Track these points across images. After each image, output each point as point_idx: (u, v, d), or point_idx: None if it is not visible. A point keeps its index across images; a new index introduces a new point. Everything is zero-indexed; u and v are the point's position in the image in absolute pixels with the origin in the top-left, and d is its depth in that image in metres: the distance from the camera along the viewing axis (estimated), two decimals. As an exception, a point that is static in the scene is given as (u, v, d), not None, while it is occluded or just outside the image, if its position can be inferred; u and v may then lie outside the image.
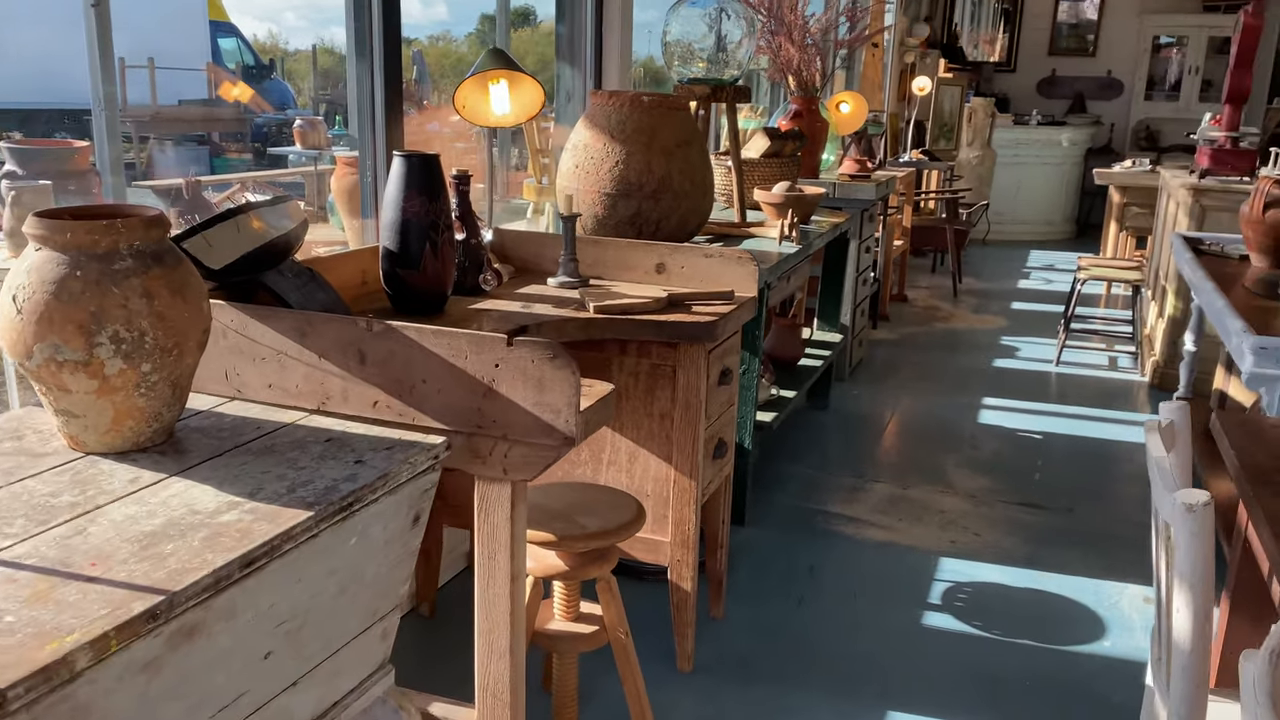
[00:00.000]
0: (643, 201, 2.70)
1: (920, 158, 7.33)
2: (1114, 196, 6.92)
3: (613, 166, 2.69)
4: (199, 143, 14.50)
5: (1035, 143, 9.26)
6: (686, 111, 2.80)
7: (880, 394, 4.44)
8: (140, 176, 12.37)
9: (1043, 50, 10.23)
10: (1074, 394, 4.55)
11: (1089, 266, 5.09)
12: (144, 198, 7.08)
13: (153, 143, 14.23)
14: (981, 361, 5.03)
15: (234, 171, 13.22)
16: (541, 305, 2.10)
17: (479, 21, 8.35)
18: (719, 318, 2.07)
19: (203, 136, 14.86)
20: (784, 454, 3.63)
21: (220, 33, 17.62)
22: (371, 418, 1.50)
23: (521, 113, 2.28)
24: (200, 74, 15.88)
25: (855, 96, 5.14)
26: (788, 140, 3.90)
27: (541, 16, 4.84)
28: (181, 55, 15.89)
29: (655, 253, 2.38)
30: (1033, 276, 7.52)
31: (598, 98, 2.74)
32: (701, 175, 2.78)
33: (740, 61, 3.37)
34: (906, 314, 6.05)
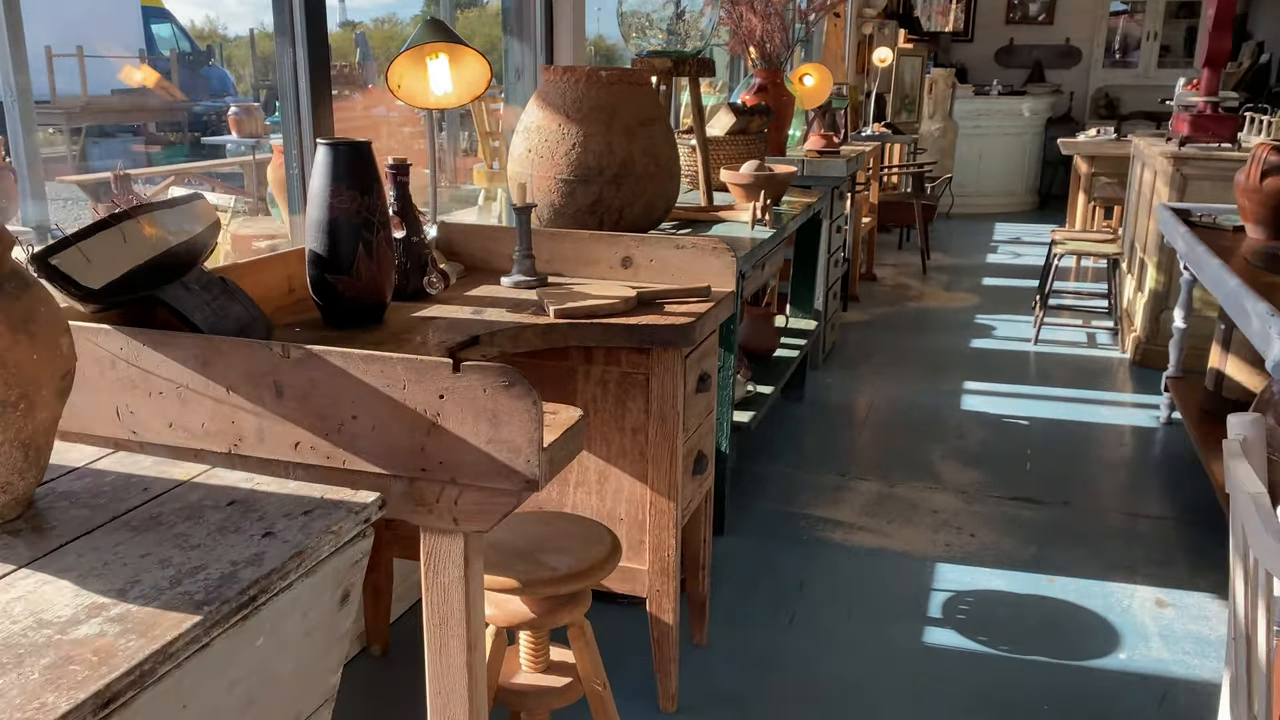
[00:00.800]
0: (604, 187, 2.45)
1: (883, 131, 7.12)
2: (1080, 167, 6.77)
3: (569, 149, 2.44)
4: (134, 133, 13.96)
5: (996, 113, 9.11)
6: (648, 87, 2.55)
7: (856, 381, 4.24)
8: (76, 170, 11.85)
9: (1000, 19, 10.07)
10: (1056, 374, 4.38)
11: (1064, 240, 4.92)
12: (68, 192, 6.68)
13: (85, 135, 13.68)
14: (958, 342, 4.85)
15: (172, 163, 12.74)
16: (495, 310, 1.85)
17: (425, 3, 8.05)
18: (695, 318, 1.83)
19: (137, 127, 14.32)
20: (761, 452, 3.41)
21: (154, 19, 17.00)
22: (293, 461, 1.25)
23: (465, 92, 2.02)
24: (134, 62, 15.30)
25: (819, 69, 4.91)
26: (754, 116, 3.67)
27: (488, -4, 4.53)
28: (114, 43, 15.30)
29: (620, 245, 2.14)
30: (1000, 250, 7.37)
31: (551, 74, 2.48)
32: (667, 156, 2.54)
33: (703, 32, 3.12)
34: (877, 293, 5.86)
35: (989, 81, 9.64)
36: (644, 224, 2.56)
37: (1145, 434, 3.69)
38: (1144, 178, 4.92)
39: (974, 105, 9.06)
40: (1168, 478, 3.31)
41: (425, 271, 1.92)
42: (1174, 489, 3.21)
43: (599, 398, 1.96)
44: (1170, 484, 3.26)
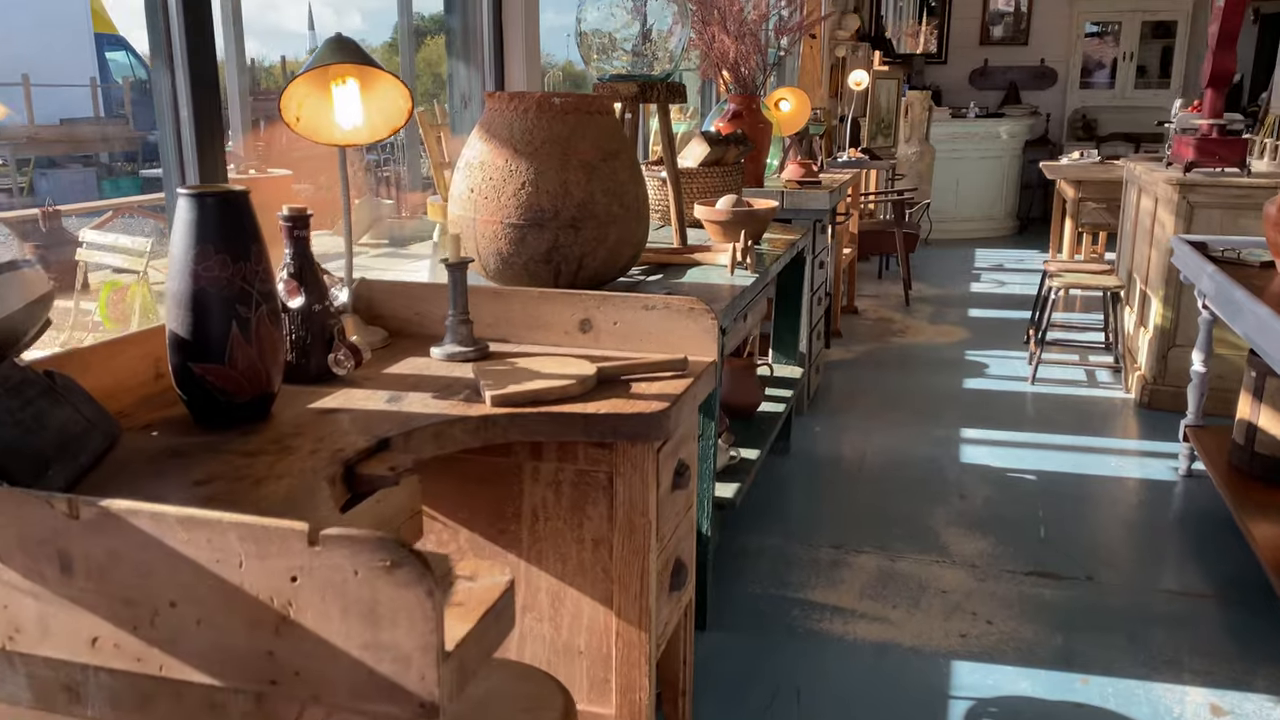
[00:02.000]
0: (559, 232, 2.08)
1: (859, 156, 6.83)
2: (1067, 191, 6.50)
3: (518, 189, 2.07)
4: (84, 164, 13.45)
5: (974, 136, 8.86)
6: (611, 115, 2.19)
7: (846, 429, 3.89)
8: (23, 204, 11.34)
9: (974, 40, 9.86)
10: (1058, 419, 4.04)
11: (1060, 273, 4.61)
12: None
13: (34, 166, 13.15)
14: (950, 382, 4.52)
15: (122, 195, 12.25)
16: (417, 396, 1.48)
17: (394, 30, 7.66)
18: (670, 403, 1.46)
19: (89, 157, 13.81)
20: (747, 522, 3.04)
21: (108, 45, 16.53)
22: (91, 664, 0.87)
23: (382, 124, 1.65)
24: (85, 90, 14.79)
25: (796, 93, 4.59)
26: (729, 145, 3.32)
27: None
28: (65, 71, 14.79)
29: (578, 305, 1.77)
30: (983, 279, 7.08)
31: (496, 102, 2.12)
32: (633, 195, 2.18)
33: (672, 53, 2.77)
34: (860, 328, 5.52)
35: (964, 104, 9.41)
36: (609, 272, 2.20)
37: (1164, 489, 3.35)
38: (1141, 204, 4.63)
39: (951, 128, 8.81)
40: (1199, 543, 2.97)
41: (332, 347, 1.54)
42: (1209, 557, 2.87)
43: (551, 502, 1.58)
44: (1203, 550, 2.92)
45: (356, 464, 1.26)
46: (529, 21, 2.75)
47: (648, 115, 3.84)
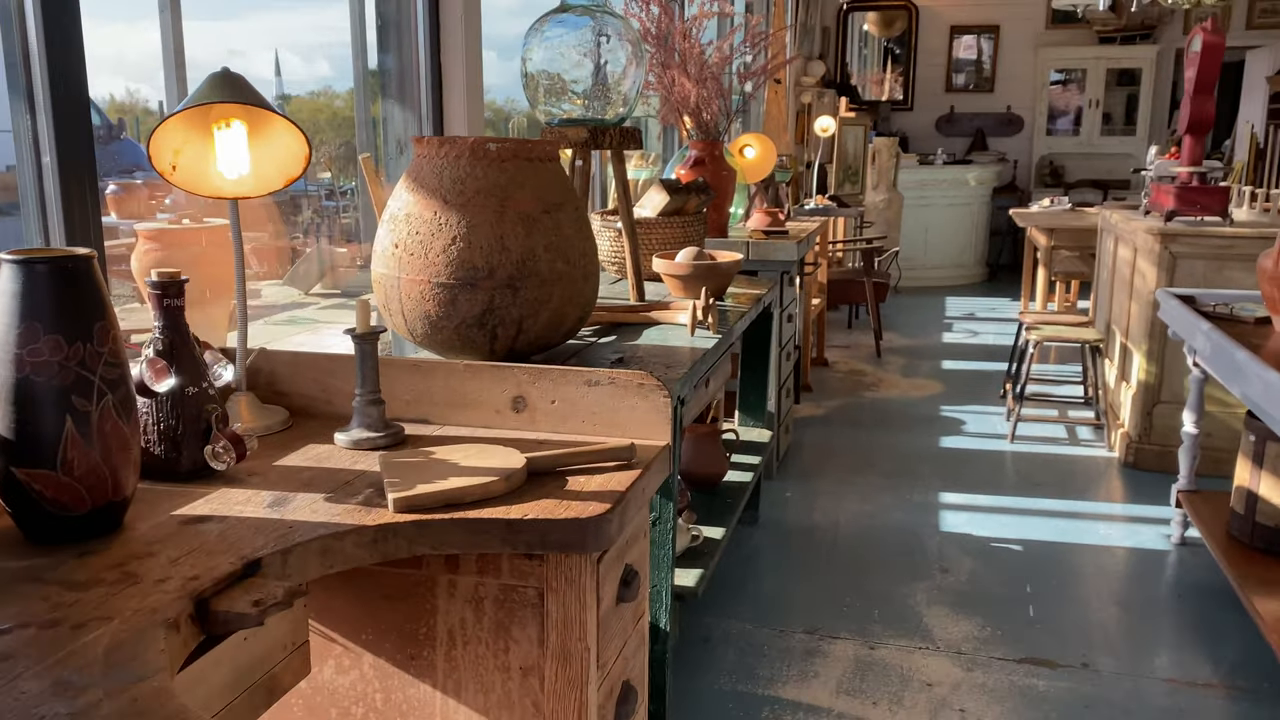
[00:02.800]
0: (495, 293, 1.85)
1: (827, 204, 6.68)
2: (1039, 240, 6.37)
3: (448, 245, 1.84)
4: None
5: (942, 183, 8.77)
6: (555, 163, 1.97)
7: (819, 494, 3.65)
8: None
9: (939, 87, 9.82)
10: (1041, 481, 3.84)
11: (1037, 325, 4.43)
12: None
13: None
14: (926, 441, 4.31)
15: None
16: (308, 498, 1.23)
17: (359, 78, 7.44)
18: (613, 503, 1.22)
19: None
20: (711, 603, 2.79)
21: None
22: None
23: (275, 174, 1.41)
24: None
25: (761, 139, 4.42)
26: (691, 194, 3.12)
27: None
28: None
29: (510, 380, 1.54)
30: (956, 328, 6.92)
31: (425, 147, 1.89)
32: (580, 250, 1.95)
33: (626, 96, 2.57)
34: (830, 382, 5.32)
35: (931, 150, 9.34)
36: (553, 336, 1.96)
37: (1157, 559, 3.14)
38: (1119, 253, 4.48)
39: (919, 175, 8.72)
40: (1199, 621, 2.75)
41: (209, 438, 1.29)
42: (1211, 638, 2.65)
43: (470, 623, 1.33)
44: (1204, 630, 2.70)
45: (213, 597, 1.01)
46: (470, 58, 2.54)
47: (604, 163, 3.64)
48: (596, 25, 2.53)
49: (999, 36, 9.60)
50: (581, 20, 2.51)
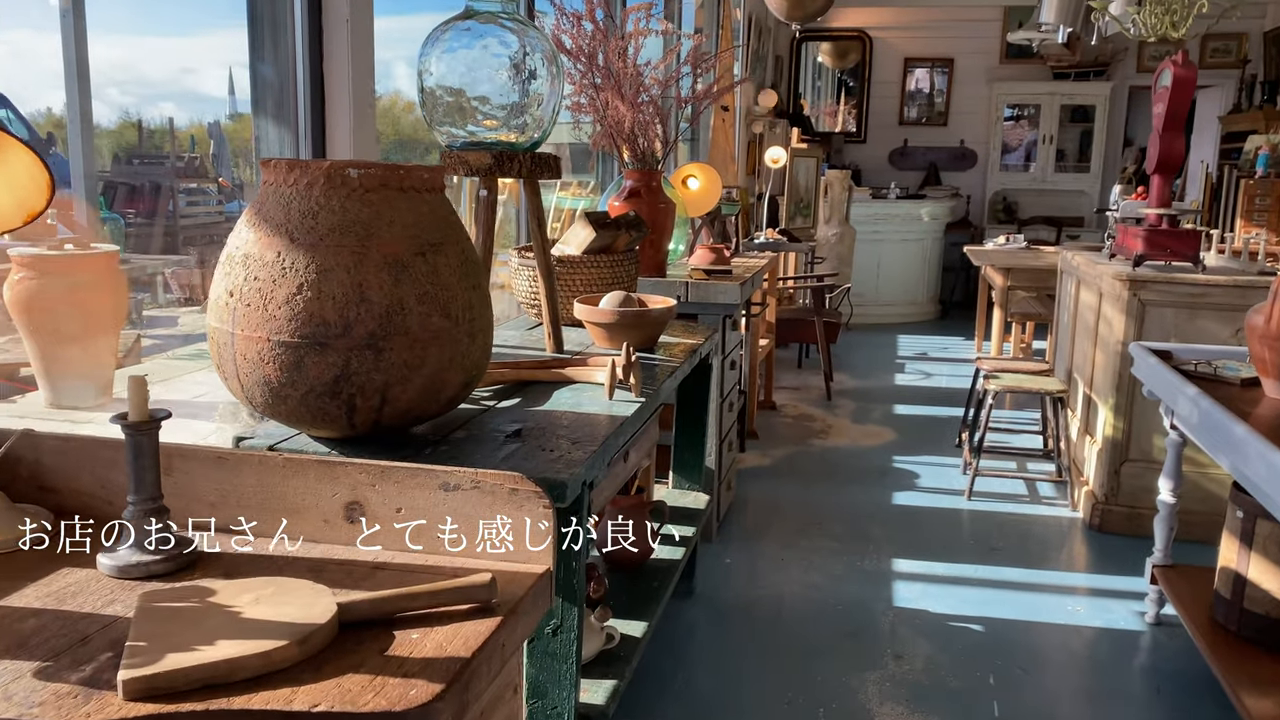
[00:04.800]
0: (352, 355, 1.49)
1: (777, 238, 6.40)
2: (994, 279, 6.14)
3: (293, 295, 1.47)
4: (-51, 229, 12.46)
5: (895, 217, 8.55)
6: (436, 194, 1.62)
7: (761, 561, 3.31)
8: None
9: (893, 120, 9.65)
10: (1000, 544, 3.53)
11: (995, 373, 4.15)
12: None
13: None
14: (878, 497, 3.99)
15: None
16: (15, 667, 0.85)
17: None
18: (448, 682, 0.87)
19: (-44, 221, 12.82)
20: (631, 702, 2.43)
21: (-15, 103, 15.57)
22: None
23: (14, 209, 1.05)
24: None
25: (705, 169, 4.11)
26: (620, 229, 2.78)
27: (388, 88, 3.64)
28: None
29: (343, 480, 1.17)
30: (908, 369, 6.65)
31: (271, 172, 1.53)
32: (465, 301, 1.60)
33: (541, 118, 2.23)
34: (778, 428, 4.99)
35: (884, 184, 9.14)
36: (429, 406, 1.60)
37: (1131, 640, 2.84)
38: (1081, 298, 4.22)
39: (872, 209, 8.49)
40: (1181, 717, 2.45)
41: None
42: (1194, 740, 2.35)
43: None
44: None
45: None
46: (358, 68, 2.18)
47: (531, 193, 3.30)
48: (507, 36, 2.19)
49: (953, 69, 9.46)
50: (489, 29, 2.17)
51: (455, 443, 1.68)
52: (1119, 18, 4.20)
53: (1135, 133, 9.56)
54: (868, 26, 9.50)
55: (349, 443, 1.64)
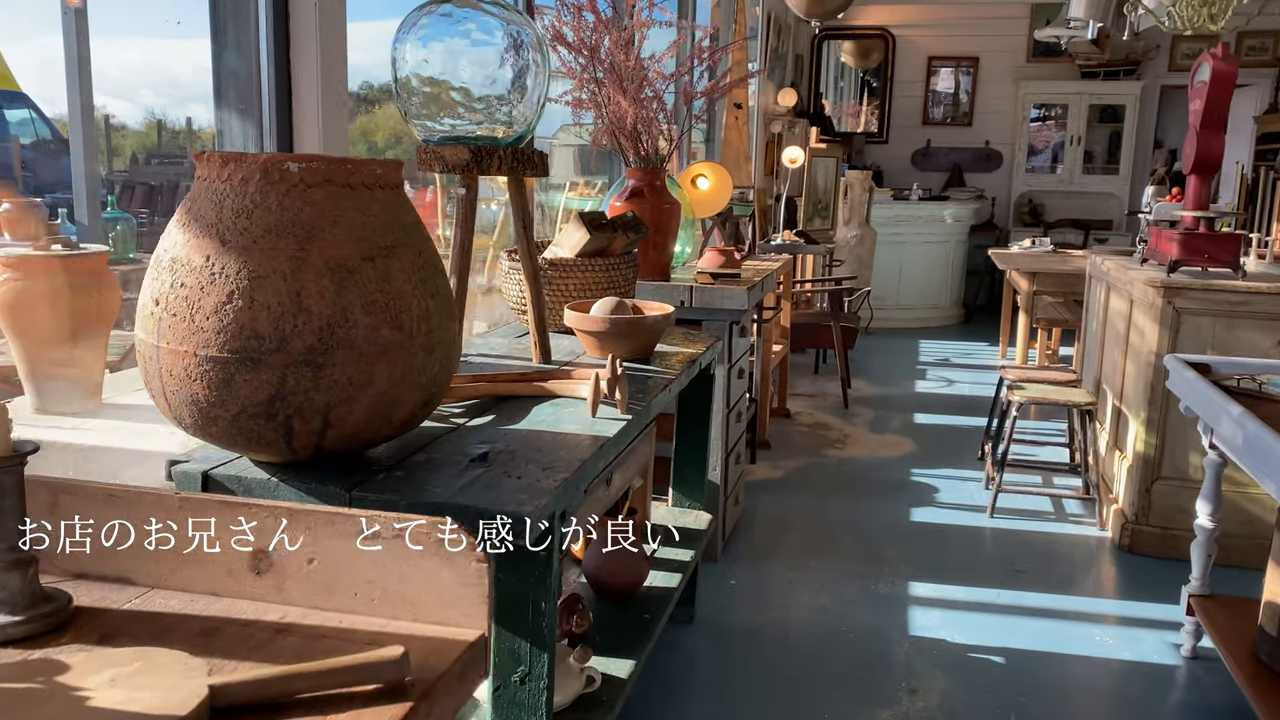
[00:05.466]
0: (289, 372, 1.32)
1: (794, 240, 6.21)
2: (1019, 283, 5.92)
3: (222, 304, 1.31)
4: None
5: (917, 219, 8.33)
6: (392, 191, 1.45)
7: (768, 583, 3.13)
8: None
9: (916, 120, 9.42)
10: (1025, 566, 3.33)
11: (1021, 383, 3.95)
12: None
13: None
14: (895, 513, 3.79)
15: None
16: None
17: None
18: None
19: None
20: (622, 735, 2.26)
21: (8, 103, 15.61)
22: None
23: None
24: (-29, 149, 13.85)
25: (715, 169, 3.93)
26: (617, 231, 2.61)
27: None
28: (-44, 128, 13.86)
29: (250, 524, 1.00)
30: (929, 375, 6.44)
31: (205, 167, 1.37)
32: (422, 310, 1.43)
33: (525, 112, 2.06)
34: (792, 437, 4.80)
35: (906, 184, 8.92)
36: (380, 429, 1.43)
37: (1165, 676, 2.64)
38: (1111, 304, 4.01)
39: (893, 210, 8.28)
40: (1220, 767, 2.25)
41: None
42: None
43: None
44: (1228, 781, 2.19)
45: None
46: (329, 55, 2.02)
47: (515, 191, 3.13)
48: (489, 22, 2.02)
49: (978, 68, 9.23)
50: (469, 14, 2.00)
51: (413, 467, 1.51)
52: (1154, 10, 3.98)
53: (1166, 134, 9.29)
54: (890, 25, 9.28)
55: (292, 468, 1.47)
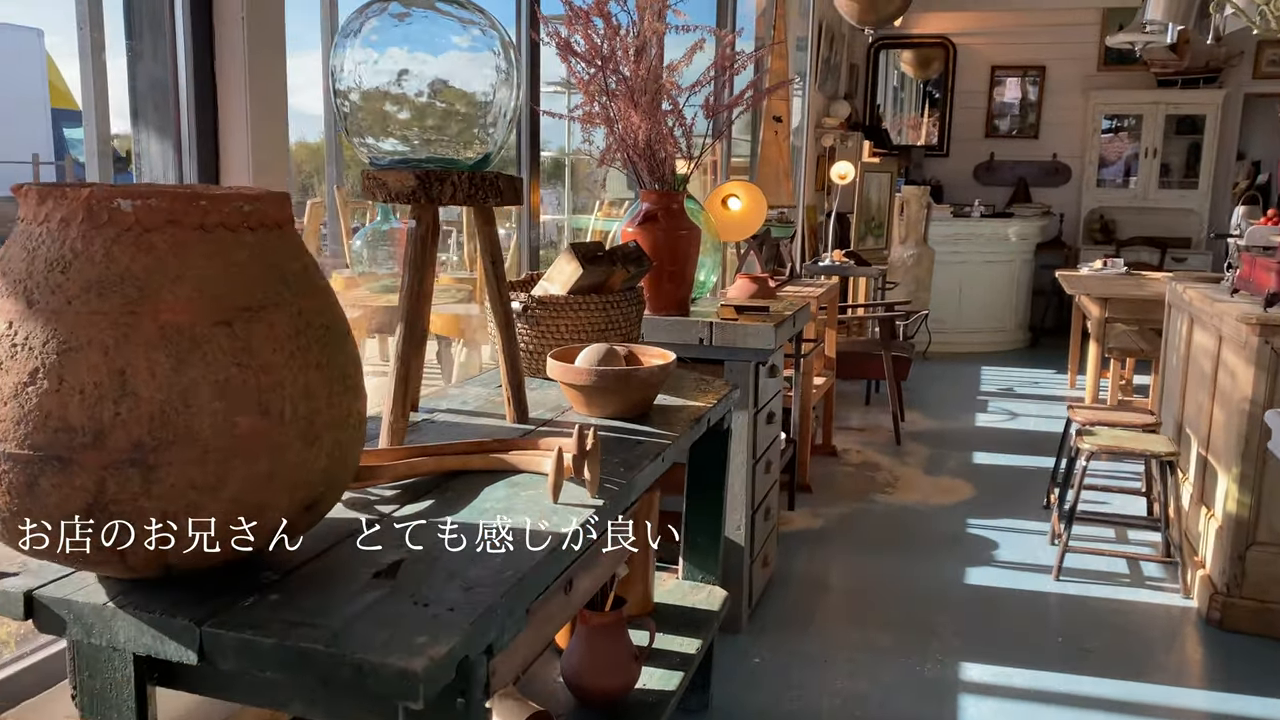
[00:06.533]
0: (108, 476, 1.01)
1: (844, 261, 5.82)
2: (1090, 309, 5.45)
3: (23, 385, 1.00)
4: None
5: (979, 237, 7.87)
6: (267, 232, 1.13)
7: (796, 661, 2.76)
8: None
9: (979, 132, 8.95)
10: (1096, 647, 2.91)
11: (1091, 428, 3.52)
12: None
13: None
14: (948, 574, 3.39)
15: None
16: None
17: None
18: None
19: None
20: None
21: (68, 122, 15.86)
22: None
23: None
24: (28, 166, 14.06)
25: (749, 188, 3.58)
26: (616, 264, 2.27)
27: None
28: (19, 147, 14.07)
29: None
30: (991, 407, 5.99)
31: (25, 203, 1.07)
32: (303, 386, 1.11)
33: (490, 130, 1.74)
34: (836, 479, 4.41)
35: (967, 200, 8.45)
36: (242, 544, 1.11)
37: (1268, 793, 2.21)
38: (1195, 340, 3.56)
39: (953, 228, 7.83)
40: None
41: None
42: None
43: None
44: None
45: None
46: (261, 63, 1.71)
47: (482, 223, 2.79)
48: (446, 24, 1.71)
49: (1045, 78, 8.73)
50: (422, 15, 1.69)
51: (299, 584, 1.19)
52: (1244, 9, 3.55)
53: (1250, 146, 8.69)
54: (950, 33, 8.84)
55: (143, 586, 1.16)
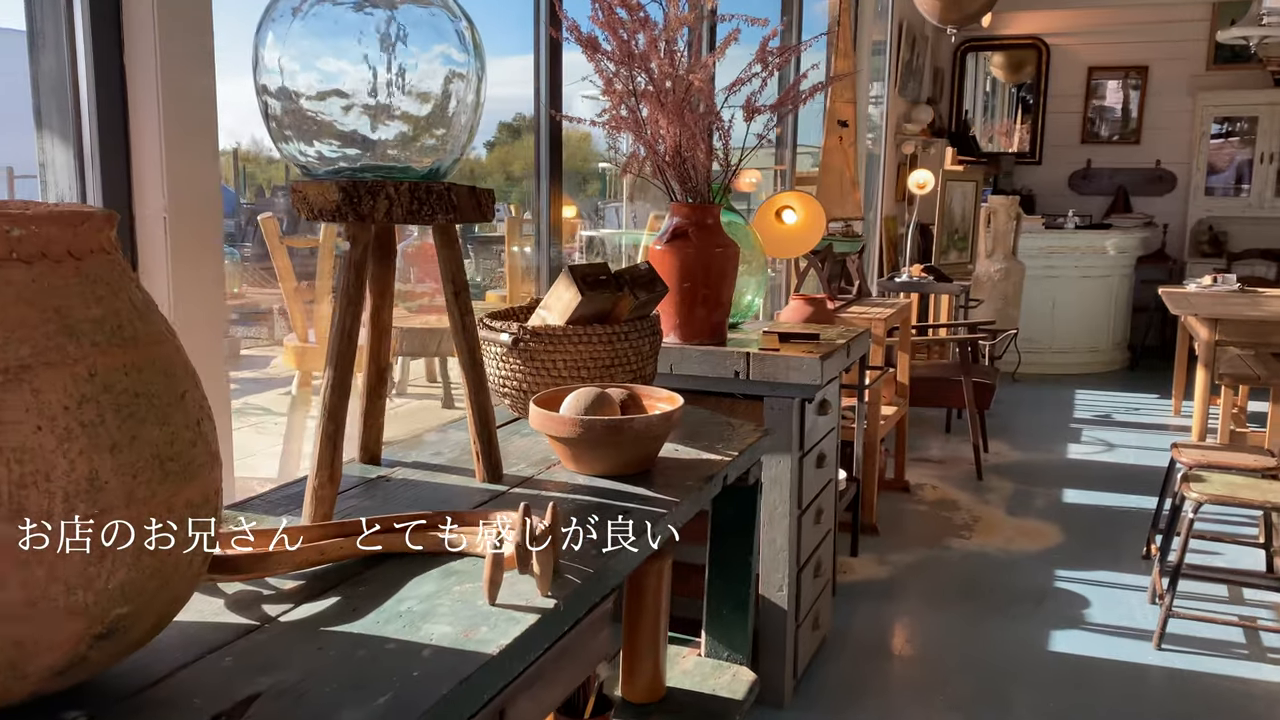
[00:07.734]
0: None
1: (922, 276, 5.39)
2: (1198, 330, 4.92)
3: None
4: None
5: (1073, 250, 7.32)
6: (45, 265, 0.83)
7: (845, 743, 2.39)
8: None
9: (1074, 137, 8.38)
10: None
11: (1198, 471, 3.06)
12: None
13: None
14: (1030, 637, 2.97)
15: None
16: None
17: (496, 130, 6.99)
18: None
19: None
20: None
21: None
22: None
23: None
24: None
25: (805, 199, 3.22)
26: (623, 289, 1.94)
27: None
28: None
29: None
30: (1085, 437, 5.47)
31: None
32: (87, 471, 0.80)
33: (451, 133, 1.44)
34: (908, 520, 4.00)
35: (1061, 211, 7.90)
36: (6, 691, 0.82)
37: None
38: (1326, 371, 3.07)
39: (1045, 241, 7.30)
40: None
41: None
42: None
43: None
44: None
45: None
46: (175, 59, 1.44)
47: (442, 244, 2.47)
48: (399, 10, 1.41)
49: (1147, 79, 8.13)
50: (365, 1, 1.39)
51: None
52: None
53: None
54: (1044, 33, 8.30)
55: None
